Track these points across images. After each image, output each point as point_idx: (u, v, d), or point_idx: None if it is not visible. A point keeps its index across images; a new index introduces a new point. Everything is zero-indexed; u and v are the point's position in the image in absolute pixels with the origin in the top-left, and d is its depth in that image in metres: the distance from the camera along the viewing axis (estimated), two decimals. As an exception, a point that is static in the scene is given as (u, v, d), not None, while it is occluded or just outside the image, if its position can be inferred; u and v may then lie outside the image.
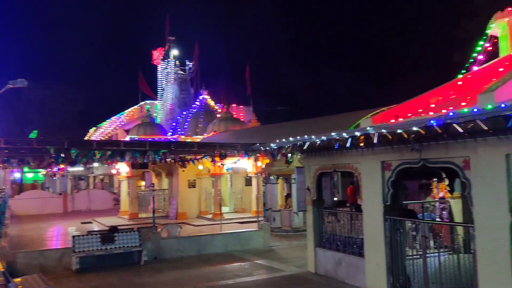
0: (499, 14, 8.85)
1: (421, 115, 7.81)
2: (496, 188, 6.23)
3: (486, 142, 6.34)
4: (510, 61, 8.46)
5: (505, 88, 6.88)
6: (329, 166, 9.85)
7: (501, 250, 6.16)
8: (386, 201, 8.20)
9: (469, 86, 8.47)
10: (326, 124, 12.37)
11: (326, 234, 10.20)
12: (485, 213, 6.43)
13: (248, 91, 29.71)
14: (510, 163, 6.13)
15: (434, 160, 7.33)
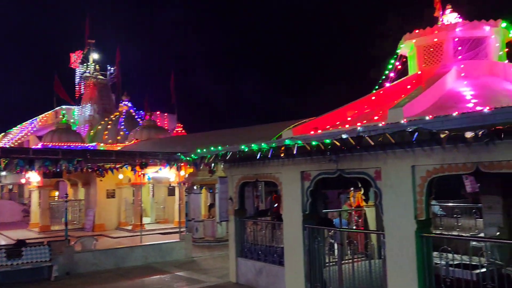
0: (407, 35, 9.57)
1: (338, 127, 8.19)
2: (403, 197, 6.68)
3: (395, 154, 6.78)
4: (417, 79, 9.18)
5: (412, 104, 7.46)
6: (251, 176, 9.96)
7: (408, 255, 6.60)
8: (305, 210, 8.45)
9: (381, 101, 9.04)
10: (250, 134, 12.54)
11: (248, 244, 10.27)
12: (393, 221, 6.85)
13: (172, 99, 29.32)
14: (415, 174, 6.60)
15: (349, 170, 7.69)
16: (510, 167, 5.66)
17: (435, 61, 9.10)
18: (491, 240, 8.30)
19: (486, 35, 8.89)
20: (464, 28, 8.93)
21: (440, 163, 6.35)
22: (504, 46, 9.27)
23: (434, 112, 6.93)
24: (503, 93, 7.89)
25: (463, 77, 8.57)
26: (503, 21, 8.95)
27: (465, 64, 8.74)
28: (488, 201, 9.81)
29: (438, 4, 9.74)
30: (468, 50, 8.89)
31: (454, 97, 7.79)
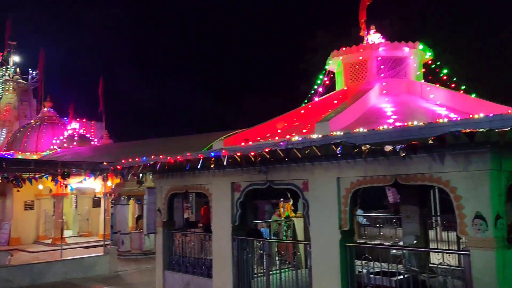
0: (335, 52, 9.99)
1: (269, 139, 8.31)
2: (329, 208, 6.90)
3: (322, 166, 7.00)
4: (343, 94, 9.58)
5: (338, 118, 7.76)
6: (181, 187, 9.79)
7: (332, 264, 6.80)
8: (234, 221, 8.43)
9: (310, 114, 9.33)
10: (180, 144, 12.35)
11: (176, 256, 10.04)
12: (319, 231, 7.04)
13: (100, 106, 28.18)
14: (340, 185, 6.85)
15: (278, 182, 7.81)
16: (424, 179, 6.06)
17: (360, 78, 9.57)
18: (409, 248, 8.79)
19: (406, 55, 9.52)
20: (386, 48, 9.49)
21: (363, 175, 6.65)
22: (421, 66, 9.96)
23: (358, 127, 7.24)
24: (420, 110, 8.46)
25: (385, 94, 9.08)
26: (421, 43, 9.63)
27: (387, 82, 9.27)
28: (407, 211, 10.39)
29: (363, 24, 10.28)
30: (389, 69, 9.44)
31: (376, 113, 8.22)
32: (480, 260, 5.53)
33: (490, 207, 5.50)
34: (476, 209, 5.60)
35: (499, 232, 5.54)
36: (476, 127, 4.80)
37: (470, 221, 5.64)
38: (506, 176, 5.82)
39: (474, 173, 5.62)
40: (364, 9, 10.25)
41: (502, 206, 5.67)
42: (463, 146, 5.40)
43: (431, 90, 9.17)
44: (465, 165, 5.68)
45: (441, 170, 5.88)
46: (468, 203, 5.68)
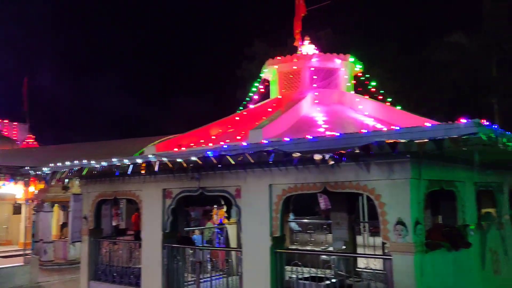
0: (270, 61, 10.14)
1: (202, 145, 8.23)
2: (261, 215, 6.94)
3: (254, 173, 7.04)
4: (277, 103, 9.74)
5: (271, 126, 7.86)
6: (109, 193, 9.40)
7: (263, 271, 6.83)
8: (165, 228, 8.23)
9: (244, 122, 9.37)
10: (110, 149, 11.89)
11: (103, 266, 9.61)
12: (251, 237, 7.06)
13: (25, 107, 26.46)
14: (272, 192, 6.92)
15: (211, 188, 7.75)
16: (352, 187, 6.29)
17: (293, 87, 9.78)
18: (336, 254, 9.08)
19: (337, 67, 9.87)
20: (319, 59, 9.80)
21: (294, 182, 6.77)
22: (352, 78, 10.37)
23: (291, 135, 7.38)
24: (349, 120, 8.79)
25: (317, 104, 9.35)
26: (351, 56, 10.04)
27: (319, 92, 9.55)
28: (337, 218, 10.73)
29: (298, 35, 10.55)
30: (322, 80, 9.74)
31: (308, 122, 8.43)
32: (401, 264, 5.82)
33: (410, 214, 5.81)
34: (398, 216, 5.89)
35: (418, 238, 5.86)
36: (398, 138, 5.06)
37: (392, 227, 5.92)
38: (425, 185, 6.19)
39: (396, 181, 5.91)
40: (299, 20, 10.52)
41: (421, 213, 6.01)
42: (387, 155, 5.67)
43: (360, 101, 9.58)
44: (388, 174, 5.97)
45: (367, 178, 6.13)
46: (391, 210, 5.96)
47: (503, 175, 9.38)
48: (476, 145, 5.13)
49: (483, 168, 8.16)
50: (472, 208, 7.67)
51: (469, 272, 7.24)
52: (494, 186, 8.87)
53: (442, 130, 4.82)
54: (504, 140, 5.20)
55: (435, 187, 6.52)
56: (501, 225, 8.95)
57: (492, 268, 8.17)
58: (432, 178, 6.39)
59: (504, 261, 8.91)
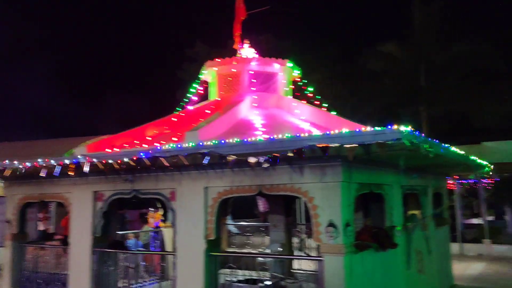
0: (209, 63, 10.08)
1: (136, 146, 8.00)
2: (195, 218, 6.86)
3: (190, 176, 6.95)
4: (215, 105, 9.69)
5: (208, 128, 7.81)
6: (36, 195, 8.88)
7: (196, 275, 6.74)
8: (96, 232, 7.91)
9: (181, 123, 9.23)
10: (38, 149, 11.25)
11: (27, 272, 9.05)
12: (185, 241, 6.96)
13: None
14: (208, 195, 6.87)
15: (145, 191, 7.55)
16: (286, 189, 6.39)
17: (232, 90, 9.78)
18: (269, 256, 9.19)
19: (276, 71, 10.01)
20: (258, 63, 9.87)
21: (229, 185, 6.76)
22: (290, 83, 10.55)
23: (228, 137, 7.35)
24: (287, 124, 8.93)
25: (255, 107, 9.41)
26: (290, 61, 10.21)
27: (258, 95, 9.62)
28: (274, 220, 10.87)
29: (237, 38, 10.58)
30: (261, 83, 9.82)
31: (246, 125, 8.46)
32: (331, 265, 5.98)
33: (341, 216, 6.00)
34: (329, 218, 6.05)
35: (348, 239, 6.06)
36: (329, 142, 5.20)
37: (324, 229, 6.08)
38: (355, 188, 6.42)
39: (328, 184, 6.08)
40: (238, 23, 10.55)
41: (351, 215, 6.23)
42: (320, 159, 5.82)
43: (297, 106, 9.77)
44: (321, 177, 6.12)
45: (300, 181, 6.26)
46: (323, 212, 6.12)
47: (428, 179, 9.97)
48: (401, 150, 5.40)
49: (409, 172, 8.61)
50: (399, 210, 8.06)
51: (396, 272, 7.59)
52: (419, 189, 9.39)
53: (370, 135, 5.02)
54: (426, 146, 5.51)
55: (365, 190, 6.78)
56: (425, 226, 9.49)
57: (417, 268, 8.63)
58: (362, 182, 6.65)
59: (428, 260, 9.45)
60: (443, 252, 11.05)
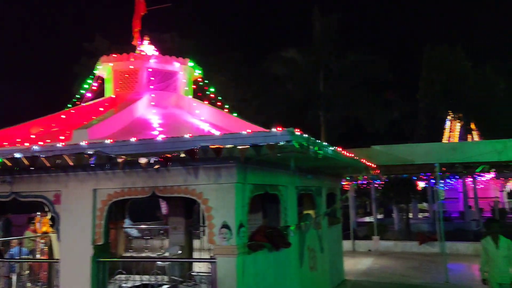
0: (105, 58, 9.55)
1: (17, 145, 7.27)
2: (83, 222, 6.43)
3: (77, 177, 6.50)
4: (110, 102, 9.20)
5: (100, 126, 7.36)
6: None
7: (83, 282, 6.31)
8: (-34, 241, 7.05)
9: (71, 120, 8.60)
10: None
11: None
12: (71, 247, 6.49)
13: None
14: (97, 197, 6.48)
15: (26, 193, 6.92)
16: (180, 191, 6.25)
17: (129, 87, 9.37)
18: (167, 259, 8.96)
19: (176, 70, 9.78)
20: (158, 60, 9.58)
21: (121, 186, 6.45)
22: (191, 82, 10.39)
23: (122, 137, 7.01)
24: (186, 124, 8.77)
25: (153, 106, 9.11)
26: (191, 61, 10.06)
27: (156, 94, 9.33)
28: (174, 222, 10.62)
29: (137, 34, 10.17)
30: (160, 82, 9.54)
31: (142, 124, 8.14)
32: (224, 266, 5.97)
33: (234, 217, 6.01)
34: (223, 219, 6.04)
35: (241, 240, 6.10)
36: (222, 143, 5.17)
37: (218, 230, 6.04)
38: (250, 189, 6.49)
39: (223, 185, 6.07)
40: (138, 18, 10.15)
41: (245, 216, 6.27)
42: (215, 161, 5.77)
43: (197, 106, 9.64)
44: (215, 178, 6.09)
45: (195, 183, 6.16)
46: (217, 214, 6.08)
47: (322, 180, 10.46)
48: (292, 152, 5.55)
49: (304, 174, 8.96)
50: (294, 210, 8.33)
51: (289, 270, 7.83)
52: (313, 190, 9.80)
53: (261, 137, 5.09)
54: (316, 148, 5.73)
55: (259, 191, 6.89)
56: (318, 225, 9.94)
57: (309, 265, 9.00)
58: (257, 183, 6.74)
59: (320, 258, 9.91)
60: (335, 249, 11.68)
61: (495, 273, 7.33)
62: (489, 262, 7.43)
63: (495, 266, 7.32)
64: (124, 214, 11.49)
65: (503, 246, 7.32)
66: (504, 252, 7.29)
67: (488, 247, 7.44)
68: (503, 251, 7.30)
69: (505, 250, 7.30)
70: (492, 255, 7.37)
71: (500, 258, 7.28)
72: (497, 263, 7.29)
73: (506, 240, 7.40)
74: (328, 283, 10.53)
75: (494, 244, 7.36)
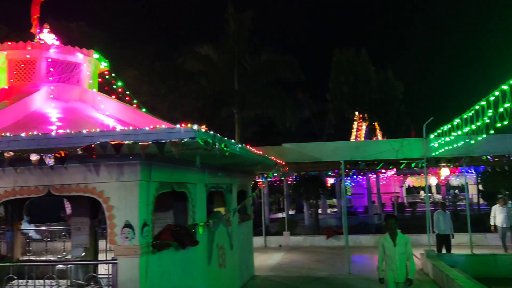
0: (-2, 45, 8.72)
1: None
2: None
3: (-41, 176, 5.85)
4: (4, 94, 8.41)
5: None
6: None
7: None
8: None
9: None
10: None
11: None
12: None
13: None
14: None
15: None
16: (79, 190, 5.90)
17: (25, 78, 8.64)
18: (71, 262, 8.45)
19: (79, 62, 9.20)
20: (59, 50, 8.94)
21: (12, 185, 5.96)
22: (96, 75, 9.85)
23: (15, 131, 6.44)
24: (88, 119, 8.28)
25: (52, 99, 8.49)
26: (96, 52, 9.53)
27: (56, 86, 8.70)
28: (77, 223, 10.02)
29: (36, 21, 9.42)
30: (61, 73, 8.91)
31: (39, 118, 7.54)
32: (126, 267, 5.75)
33: (138, 216, 5.81)
34: (126, 218, 5.81)
35: (145, 239, 5.91)
36: (123, 139, 4.95)
37: (120, 230, 5.80)
38: (155, 187, 6.31)
39: (125, 183, 5.83)
40: (37, 4, 9.40)
41: (149, 214, 6.08)
42: (117, 157, 5.52)
43: (102, 100, 9.16)
44: (118, 176, 5.84)
45: (95, 181, 5.86)
46: (119, 213, 5.84)
47: (233, 177, 10.52)
48: (197, 149, 5.49)
49: (214, 171, 8.94)
50: (203, 208, 8.27)
51: (196, 268, 7.75)
52: (224, 187, 9.83)
53: (164, 133, 4.95)
54: (222, 146, 5.72)
55: (166, 189, 6.73)
56: (228, 222, 9.99)
57: (218, 262, 9.00)
58: (163, 180, 6.57)
59: (230, 255, 9.97)
60: (245, 246, 11.83)
61: (392, 270, 7.27)
62: (386, 259, 7.34)
63: (392, 263, 7.24)
64: (21, 214, 10.65)
65: (400, 243, 7.23)
66: (401, 249, 7.20)
67: (386, 244, 7.34)
68: (400, 248, 7.21)
69: (402, 247, 7.21)
70: (389, 252, 7.27)
71: (397, 256, 7.19)
72: (394, 260, 7.20)
73: (403, 237, 7.34)
74: (237, 279, 10.63)
75: (392, 241, 7.27)
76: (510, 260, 12.33)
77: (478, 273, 11.67)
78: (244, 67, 20.89)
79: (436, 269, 11.06)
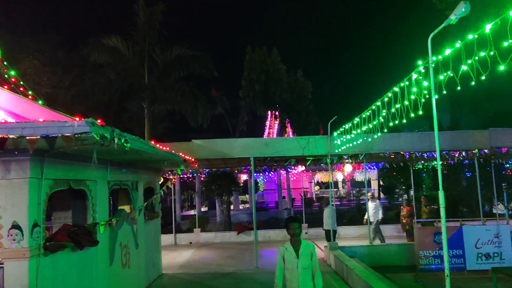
0: None
1: None
2: None
3: None
4: None
5: None
6: None
7: None
8: None
9: None
10: None
11: None
12: None
13: None
14: None
15: None
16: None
17: None
18: None
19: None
20: None
21: None
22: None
23: None
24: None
25: None
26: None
27: None
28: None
29: None
30: None
31: None
32: (14, 272, 5.32)
33: (27, 216, 5.39)
34: (14, 219, 5.37)
35: (35, 241, 5.50)
36: (7, 133, 4.55)
37: (7, 232, 5.34)
38: (49, 184, 5.89)
39: (13, 181, 5.39)
40: None
41: (40, 214, 5.66)
42: (1, 153, 5.06)
43: (-9, 91, 8.34)
44: (4, 173, 5.38)
45: (-22, 179, 5.32)
46: (6, 213, 5.38)
47: (139, 174, 10.18)
48: (94, 145, 5.22)
49: (118, 167, 8.57)
50: (105, 206, 7.89)
51: (96, 269, 7.38)
52: (129, 185, 9.47)
53: (56, 127, 4.62)
54: (122, 141, 5.49)
55: (62, 187, 6.31)
56: (134, 221, 9.65)
57: (122, 262, 8.67)
58: (59, 178, 6.16)
59: (135, 254, 9.65)
60: (152, 244, 11.53)
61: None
62: (287, 273, 5.47)
63: (294, 279, 5.42)
64: None
65: (304, 253, 5.47)
66: (306, 262, 5.45)
67: (286, 255, 5.50)
68: (304, 260, 5.45)
69: (307, 260, 5.46)
70: (290, 265, 5.47)
71: (300, 269, 5.40)
72: (296, 275, 5.40)
73: (308, 245, 5.53)
74: (143, 279, 10.33)
75: (294, 252, 5.47)
76: (402, 249, 13.44)
77: (375, 262, 12.59)
78: (156, 62, 20.29)
79: (337, 260, 11.70)
